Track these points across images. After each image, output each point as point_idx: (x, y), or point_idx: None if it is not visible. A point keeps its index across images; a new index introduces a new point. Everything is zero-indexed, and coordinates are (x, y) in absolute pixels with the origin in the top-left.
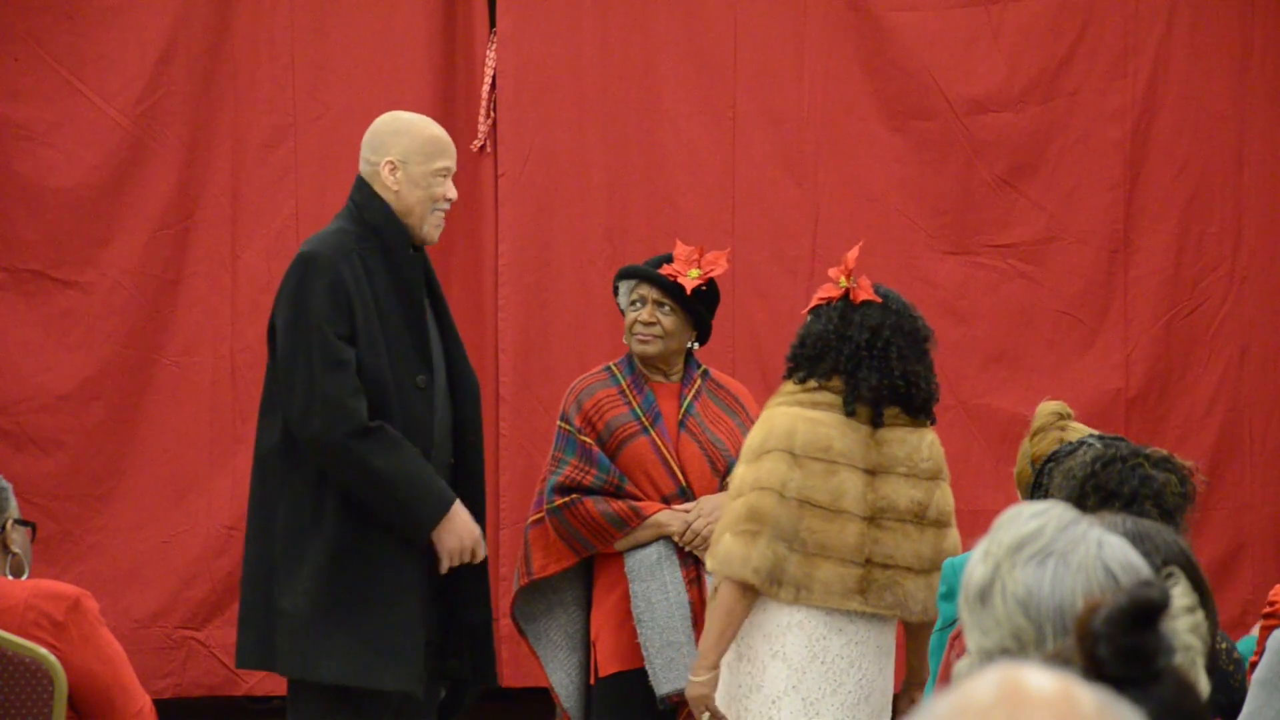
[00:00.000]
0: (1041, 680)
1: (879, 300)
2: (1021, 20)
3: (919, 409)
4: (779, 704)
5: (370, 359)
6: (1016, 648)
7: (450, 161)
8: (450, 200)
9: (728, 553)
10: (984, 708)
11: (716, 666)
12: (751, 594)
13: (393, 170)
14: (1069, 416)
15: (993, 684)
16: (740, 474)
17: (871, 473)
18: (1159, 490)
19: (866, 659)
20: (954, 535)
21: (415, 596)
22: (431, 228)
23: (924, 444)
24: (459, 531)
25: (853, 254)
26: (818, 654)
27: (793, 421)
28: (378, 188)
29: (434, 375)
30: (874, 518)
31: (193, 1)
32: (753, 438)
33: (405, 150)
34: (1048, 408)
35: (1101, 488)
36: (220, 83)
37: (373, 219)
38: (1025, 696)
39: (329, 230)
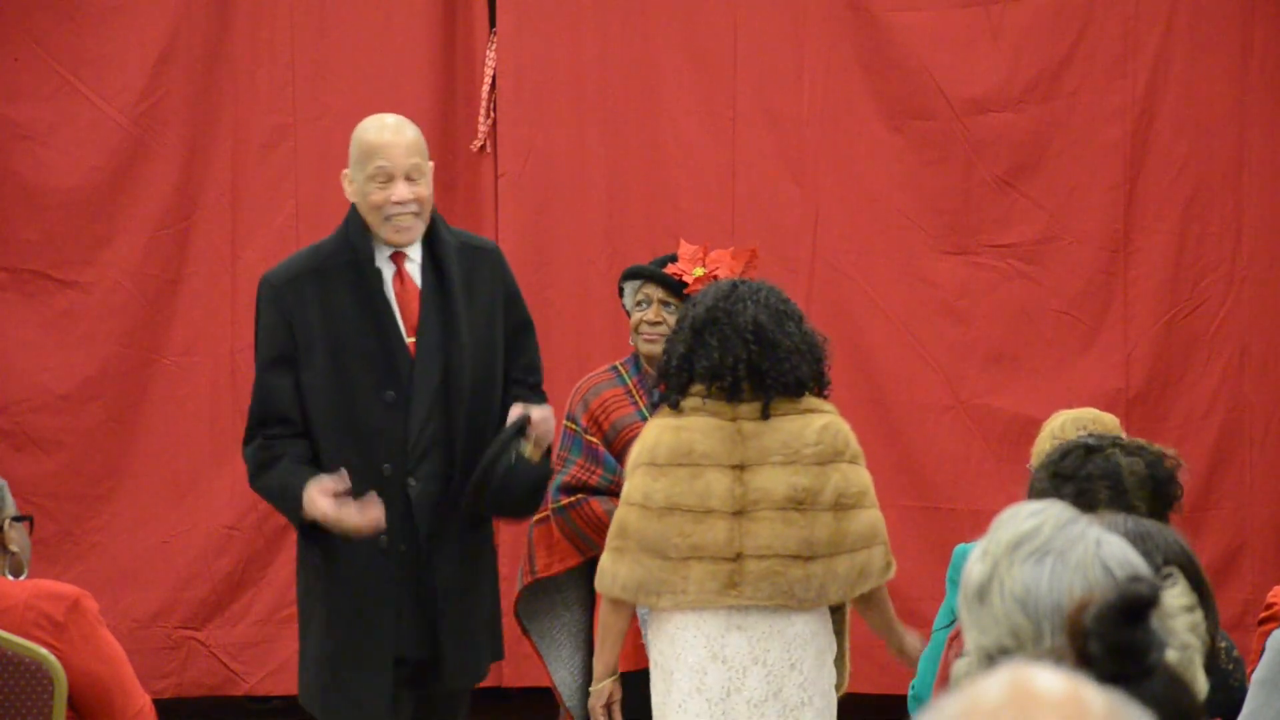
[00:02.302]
0: (1051, 681)
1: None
2: (1021, 20)
3: (731, 389)
4: (685, 707)
5: (318, 383)
6: (1015, 645)
7: (384, 162)
8: (396, 203)
9: (600, 569)
10: (992, 709)
11: (605, 678)
12: (626, 608)
13: (348, 183)
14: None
15: (1001, 685)
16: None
17: (740, 467)
18: (1113, 471)
19: (771, 655)
20: (865, 517)
21: (383, 613)
22: (391, 232)
23: (809, 430)
24: (314, 513)
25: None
26: (716, 654)
27: (658, 433)
28: None
29: (408, 387)
30: (744, 511)
31: (193, 1)
32: (630, 453)
33: (352, 160)
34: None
35: (1059, 474)
36: (220, 83)
37: (352, 231)
38: (1034, 698)
39: (308, 248)
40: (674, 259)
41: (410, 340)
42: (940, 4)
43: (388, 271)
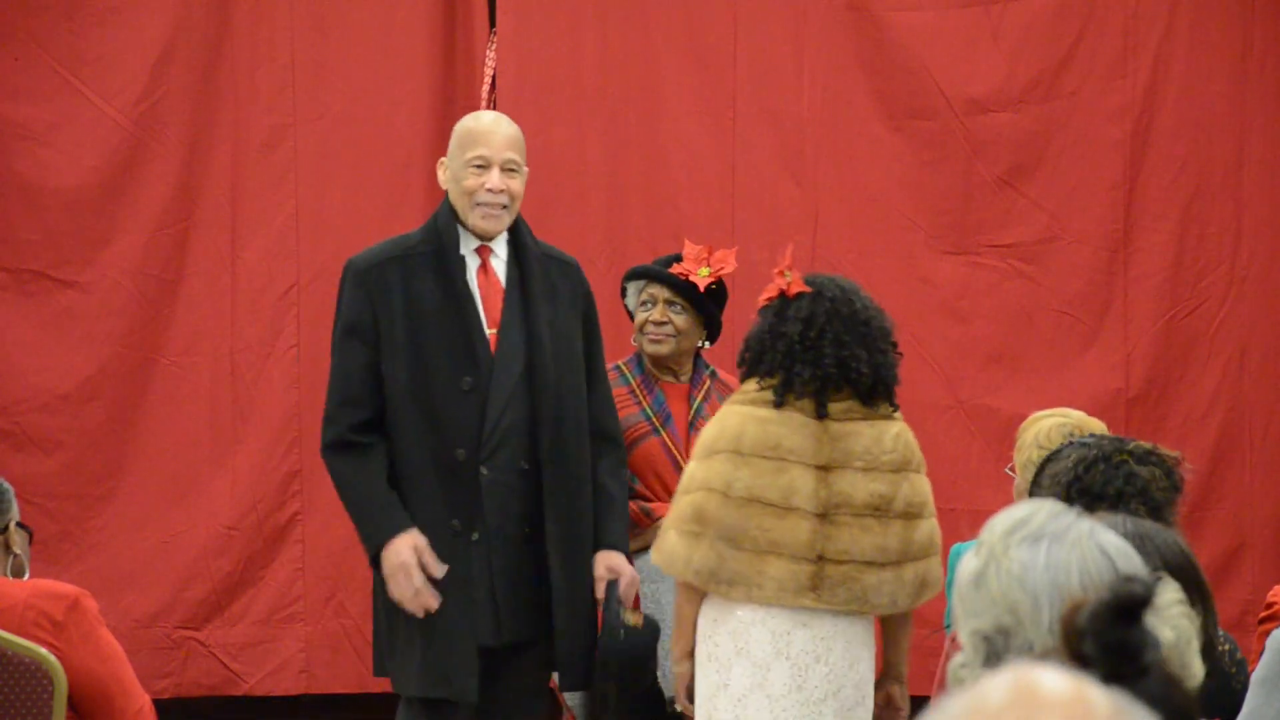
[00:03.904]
0: (1055, 682)
1: (810, 290)
2: (1021, 20)
3: (869, 394)
4: (745, 702)
5: (397, 366)
6: (1013, 623)
7: (485, 150)
8: (491, 190)
9: (671, 551)
10: (997, 709)
11: (682, 661)
12: (696, 592)
13: (442, 170)
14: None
15: (1005, 685)
16: (690, 471)
17: (825, 469)
18: (1144, 487)
19: (834, 654)
20: (926, 526)
21: (465, 600)
22: (478, 219)
23: (887, 436)
24: (391, 561)
25: (788, 251)
26: (782, 650)
27: (742, 421)
28: None
29: (486, 376)
30: (826, 514)
31: (193, 1)
32: (705, 436)
33: (451, 147)
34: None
35: (1086, 490)
36: (220, 83)
37: (440, 220)
38: (1038, 698)
39: (394, 237)
40: (678, 259)
41: (491, 333)
42: (940, 4)
43: (472, 263)
